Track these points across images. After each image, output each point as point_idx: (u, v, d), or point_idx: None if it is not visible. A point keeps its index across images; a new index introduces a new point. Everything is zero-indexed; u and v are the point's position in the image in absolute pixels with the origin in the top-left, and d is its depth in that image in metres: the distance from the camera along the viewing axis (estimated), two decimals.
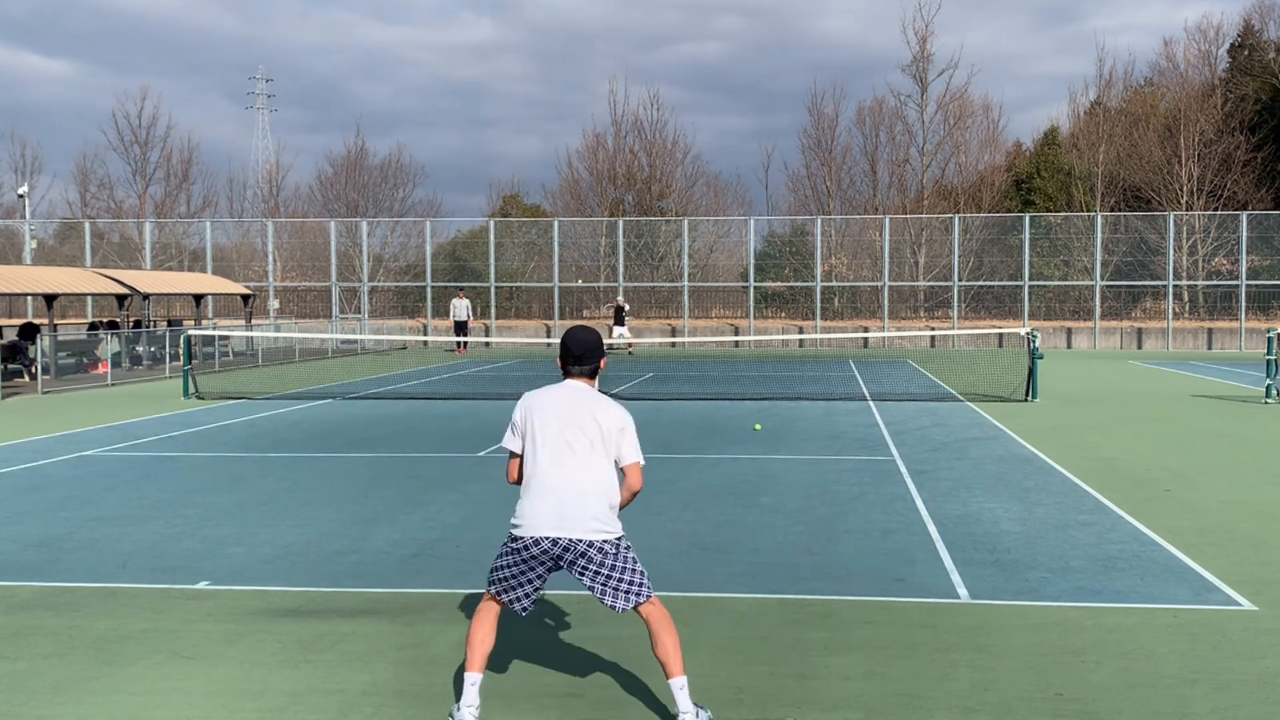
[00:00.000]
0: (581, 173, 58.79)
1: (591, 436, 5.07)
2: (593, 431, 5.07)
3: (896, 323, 44.59)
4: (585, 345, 5.27)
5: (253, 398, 21.20)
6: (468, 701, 5.01)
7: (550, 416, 5.12)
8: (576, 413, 5.11)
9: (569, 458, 5.04)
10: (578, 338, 5.28)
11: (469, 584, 7.44)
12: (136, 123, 59.13)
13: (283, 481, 11.64)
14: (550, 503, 4.99)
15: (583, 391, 5.21)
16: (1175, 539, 8.68)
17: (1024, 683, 5.55)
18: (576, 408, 5.13)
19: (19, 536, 8.99)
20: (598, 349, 5.30)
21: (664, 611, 5.08)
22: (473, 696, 5.02)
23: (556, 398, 5.19)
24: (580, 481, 5.01)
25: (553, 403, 5.16)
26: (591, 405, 5.14)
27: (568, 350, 5.27)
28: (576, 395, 5.19)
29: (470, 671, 5.04)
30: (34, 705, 5.32)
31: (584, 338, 5.29)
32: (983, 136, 58.22)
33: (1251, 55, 57.47)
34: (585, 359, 5.27)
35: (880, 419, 17.11)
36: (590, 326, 5.45)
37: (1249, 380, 24.65)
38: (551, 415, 5.12)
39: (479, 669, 5.05)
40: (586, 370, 5.28)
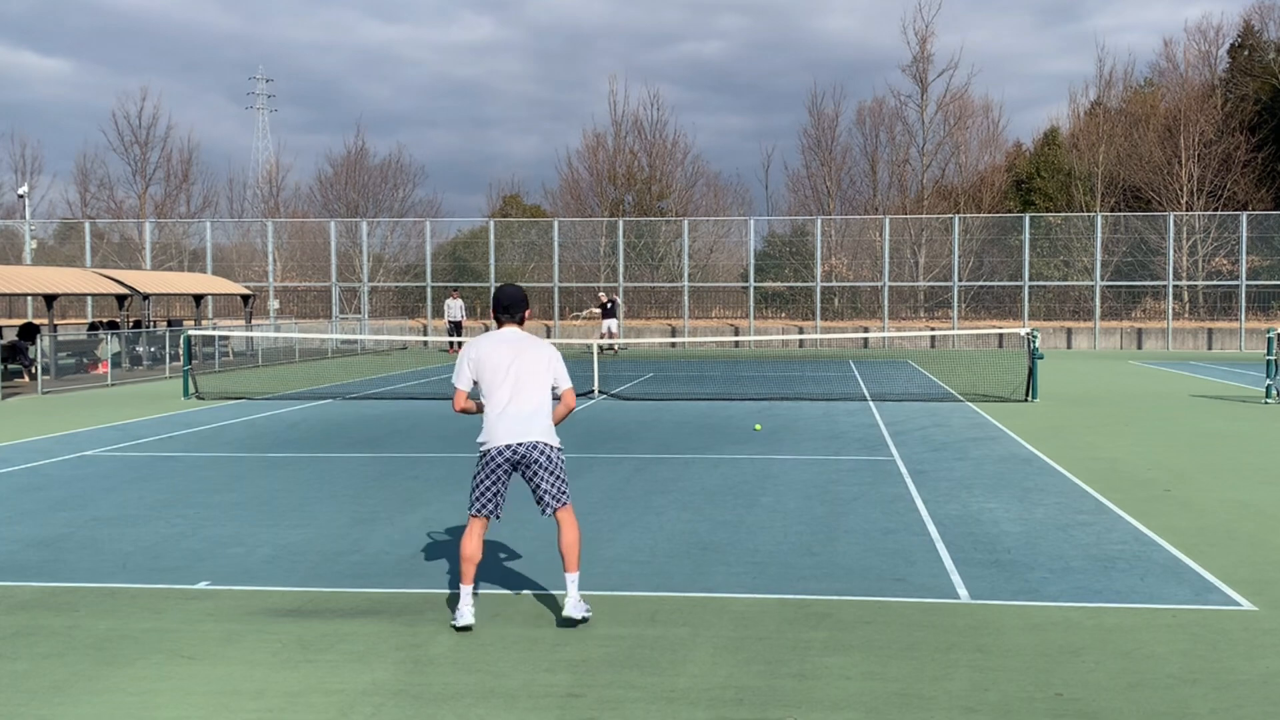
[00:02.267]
0: (581, 173, 58.84)
1: (533, 369, 6.47)
2: (533, 365, 6.48)
3: (896, 323, 44.59)
4: (512, 298, 6.62)
5: (253, 398, 21.21)
6: (464, 602, 6.40)
7: (497, 356, 6.48)
8: (519, 351, 6.49)
9: (515, 386, 6.43)
10: (508, 293, 6.64)
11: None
12: (136, 123, 59.18)
13: (283, 481, 11.64)
14: (509, 419, 6.40)
15: (519, 336, 6.58)
16: (1175, 539, 8.68)
17: (1024, 683, 5.55)
18: (519, 347, 6.52)
19: (19, 536, 8.99)
20: (523, 301, 6.65)
21: (574, 518, 6.59)
22: (469, 599, 6.41)
23: (498, 341, 6.54)
24: (531, 402, 6.43)
25: (497, 345, 6.52)
26: (530, 345, 6.54)
27: (498, 303, 6.63)
28: (515, 338, 6.56)
29: (464, 584, 6.44)
30: (34, 705, 5.32)
31: (513, 293, 6.65)
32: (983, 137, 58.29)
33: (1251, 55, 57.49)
34: (513, 309, 6.61)
35: (880, 419, 17.11)
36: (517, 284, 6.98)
37: (1249, 380, 24.66)
38: (498, 355, 6.48)
39: (471, 580, 6.46)
40: (516, 318, 6.62)
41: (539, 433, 6.44)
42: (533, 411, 6.43)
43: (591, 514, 9.76)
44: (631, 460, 12.91)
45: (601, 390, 21.61)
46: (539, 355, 6.53)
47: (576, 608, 6.44)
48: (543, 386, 6.50)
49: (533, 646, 6.14)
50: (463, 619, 6.35)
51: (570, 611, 6.42)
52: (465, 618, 6.35)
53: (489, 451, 6.47)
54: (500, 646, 6.15)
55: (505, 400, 6.42)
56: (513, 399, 6.41)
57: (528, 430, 6.41)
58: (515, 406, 6.40)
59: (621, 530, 9.12)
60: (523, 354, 6.49)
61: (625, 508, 10.03)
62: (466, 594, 6.42)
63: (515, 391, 6.42)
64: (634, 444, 14.35)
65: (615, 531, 9.06)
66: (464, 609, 6.38)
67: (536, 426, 6.43)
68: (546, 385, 6.53)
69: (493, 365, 6.47)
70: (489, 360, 6.48)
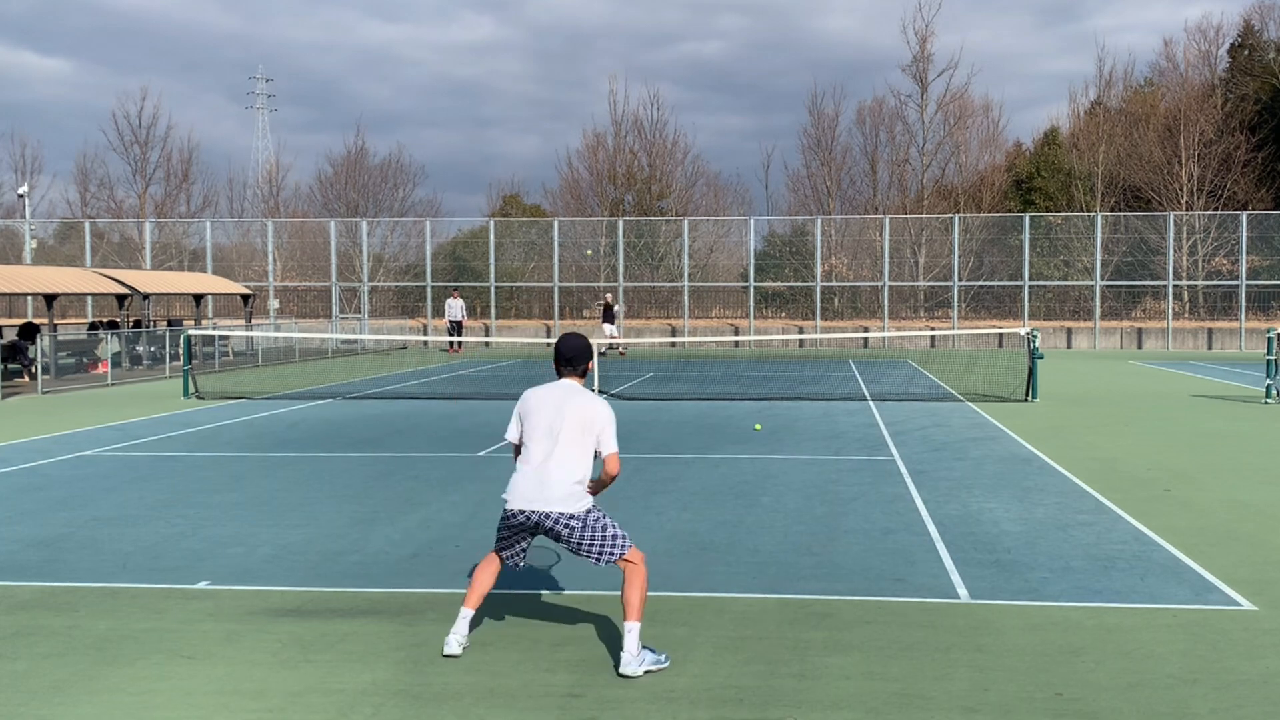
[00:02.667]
0: (581, 173, 58.85)
1: (574, 426, 5.95)
2: (575, 422, 5.96)
3: (896, 323, 44.59)
4: (575, 349, 6.20)
5: (253, 398, 21.21)
6: (458, 630, 5.99)
7: (542, 409, 6.04)
8: (564, 406, 6.01)
9: (551, 444, 5.94)
10: (570, 344, 6.21)
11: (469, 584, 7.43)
12: (136, 122, 59.17)
13: (283, 481, 11.64)
14: (531, 481, 5.92)
15: (572, 389, 6.11)
16: (1175, 539, 8.68)
17: (1024, 683, 5.56)
18: (565, 402, 6.03)
19: (19, 536, 8.99)
20: (586, 353, 6.23)
21: (638, 566, 5.93)
22: (464, 628, 6.01)
23: (549, 393, 6.11)
24: (558, 464, 5.90)
25: (546, 397, 6.09)
26: (577, 400, 6.04)
27: (560, 354, 6.21)
28: (566, 392, 6.09)
29: (465, 607, 6.03)
30: (34, 705, 5.32)
31: (575, 343, 6.22)
32: (983, 136, 58.28)
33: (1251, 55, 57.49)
34: (575, 361, 6.20)
35: (880, 419, 17.11)
36: (580, 333, 6.34)
37: (1249, 380, 24.66)
38: (543, 408, 6.04)
39: (474, 606, 6.05)
40: (577, 371, 6.20)
41: (560, 501, 5.85)
42: (560, 476, 5.86)
43: None
44: (631, 460, 12.91)
45: (601, 390, 21.60)
46: (585, 413, 5.96)
47: (632, 662, 5.68)
48: (581, 448, 5.92)
49: (533, 646, 6.14)
50: (448, 648, 5.95)
51: (626, 669, 5.68)
52: (450, 647, 5.94)
53: (507, 510, 5.99)
54: (500, 646, 6.15)
55: (536, 458, 5.92)
56: (545, 459, 5.89)
57: (548, 497, 5.86)
58: (543, 468, 5.88)
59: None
60: (567, 409, 5.96)
61: (625, 508, 10.03)
62: (462, 619, 6.01)
63: (548, 451, 5.90)
64: (634, 444, 14.35)
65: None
66: (452, 636, 5.97)
67: (559, 493, 5.85)
68: (587, 448, 5.94)
69: (537, 413, 6.02)
70: (533, 411, 6.03)
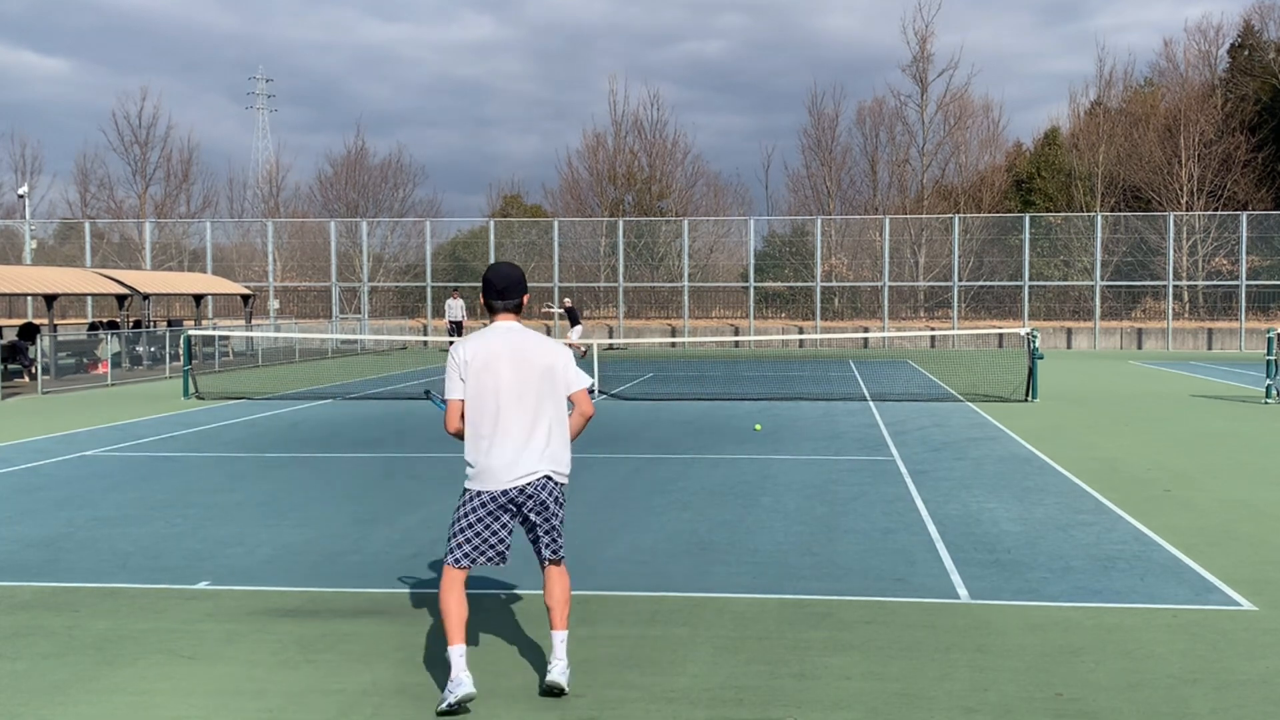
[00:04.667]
0: (581, 173, 58.87)
1: (539, 376, 5.14)
2: (538, 371, 5.14)
3: (896, 323, 44.59)
4: (509, 279, 5.25)
5: (253, 398, 21.20)
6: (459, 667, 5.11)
7: (497, 364, 5.12)
8: (524, 355, 5.15)
9: (524, 402, 5.11)
10: (502, 273, 5.27)
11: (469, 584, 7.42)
12: (136, 122, 59.19)
13: (283, 481, 11.64)
14: (514, 451, 5.10)
15: (515, 331, 5.22)
16: (1175, 539, 8.68)
17: (1024, 683, 5.55)
18: (522, 349, 5.16)
19: (19, 536, 8.99)
20: (521, 284, 5.28)
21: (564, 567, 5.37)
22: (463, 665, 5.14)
23: (497, 342, 5.17)
24: (542, 424, 5.14)
25: (495, 348, 5.15)
26: (534, 344, 5.20)
27: (490, 286, 5.23)
28: (511, 337, 5.19)
29: (454, 645, 5.15)
30: (34, 705, 5.32)
31: (508, 272, 5.28)
32: (983, 136, 58.30)
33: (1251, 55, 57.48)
34: (508, 293, 5.25)
35: (880, 419, 17.11)
36: (513, 263, 5.45)
37: (1249, 380, 24.65)
38: (497, 362, 5.12)
39: (464, 639, 5.19)
40: (511, 305, 5.26)
41: (550, 462, 5.17)
42: (544, 442, 5.15)
43: (592, 514, 9.76)
44: (631, 460, 12.90)
45: (601, 390, 21.60)
46: (541, 359, 5.16)
47: (565, 673, 5.28)
48: (554, 401, 5.16)
49: (533, 646, 6.14)
50: (461, 689, 5.02)
51: (557, 677, 5.24)
52: (464, 686, 5.03)
53: (482, 495, 5.15)
54: (500, 646, 6.15)
55: (507, 424, 5.09)
56: (518, 427, 5.10)
57: (536, 461, 5.13)
58: (531, 432, 5.12)
59: (621, 530, 9.12)
60: (525, 357, 5.14)
61: (625, 508, 10.03)
62: (457, 657, 5.11)
63: (518, 415, 5.10)
64: (634, 444, 14.35)
65: (615, 531, 9.05)
66: (459, 676, 5.06)
67: (548, 454, 5.16)
68: (558, 398, 5.18)
69: (489, 375, 5.11)
70: (485, 368, 5.11)
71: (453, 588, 5.22)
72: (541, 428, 5.16)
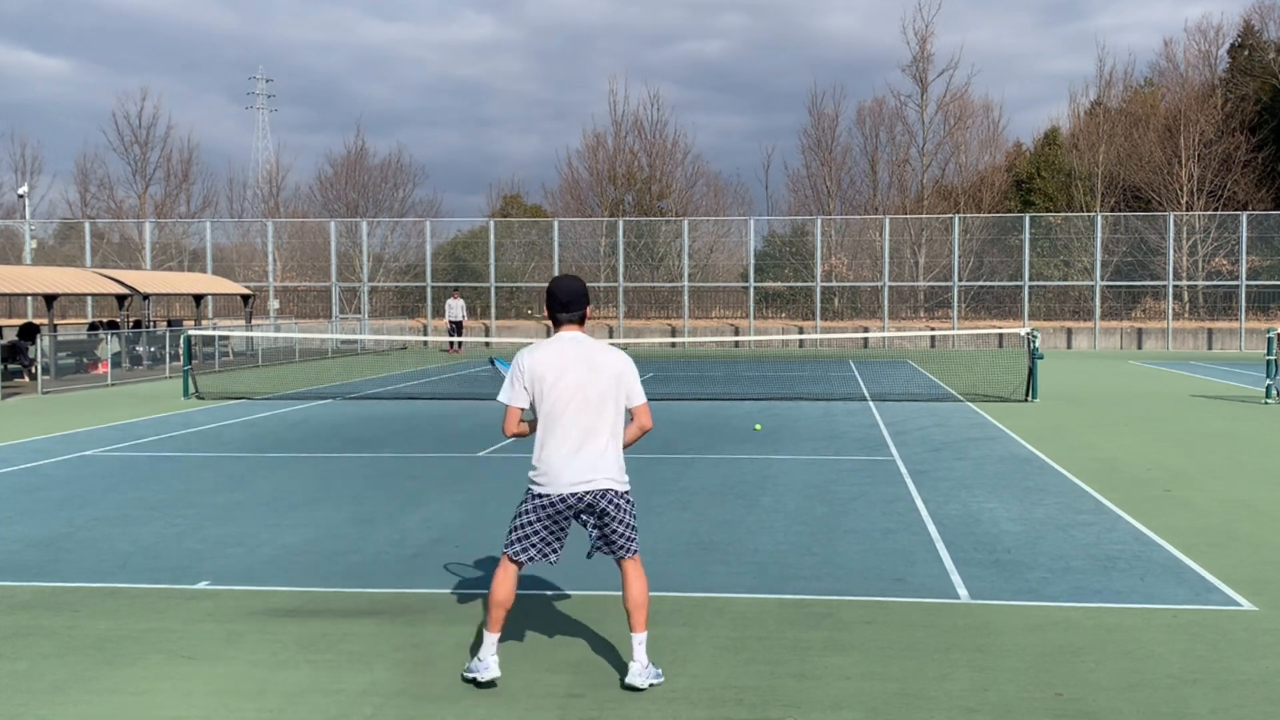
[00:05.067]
0: (581, 173, 58.85)
1: (601, 386, 5.27)
2: (601, 381, 5.27)
3: (896, 323, 44.59)
4: (573, 293, 5.41)
5: (253, 398, 21.21)
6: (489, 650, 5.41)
7: (562, 373, 5.26)
8: (588, 365, 5.28)
9: (588, 411, 5.25)
10: (566, 286, 5.42)
11: (469, 584, 7.45)
12: (136, 122, 59.16)
13: (283, 481, 11.64)
14: (575, 457, 5.24)
15: (581, 341, 5.36)
16: (1175, 539, 8.68)
17: (1024, 683, 5.55)
18: (587, 359, 5.29)
19: (19, 536, 8.99)
20: (584, 296, 5.44)
21: (640, 566, 5.47)
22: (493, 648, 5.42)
23: (563, 351, 5.32)
24: (602, 434, 5.27)
25: (561, 358, 5.30)
26: (599, 355, 5.32)
27: (555, 299, 5.40)
28: (578, 346, 5.33)
29: (490, 632, 5.43)
30: (34, 705, 5.32)
31: (572, 286, 5.43)
32: (983, 136, 58.28)
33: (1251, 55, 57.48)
34: (573, 305, 5.41)
35: (880, 419, 17.11)
36: (576, 276, 5.60)
37: (1249, 380, 24.66)
38: (562, 371, 5.26)
39: (498, 629, 5.44)
40: (575, 317, 5.42)
41: (608, 474, 5.28)
42: (604, 446, 5.27)
43: None
44: (631, 460, 12.88)
45: None
46: (610, 368, 5.30)
47: (643, 674, 5.36)
48: (616, 410, 5.31)
49: (533, 646, 6.14)
50: (487, 671, 5.38)
51: (634, 679, 5.36)
52: (490, 669, 5.38)
53: (541, 497, 5.32)
54: (500, 646, 6.14)
55: (572, 432, 5.24)
56: (581, 431, 5.25)
57: (595, 470, 5.25)
58: (583, 440, 5.25)
59: None
60: (593, 367, 5.28)
61: None
62: (490, 643, 5.43)
63: (582, 420, 5.25)
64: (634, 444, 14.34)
65: None
66: (487, 659, 5.40)
67: (606, 465, 5.28)
68: (619, 407, 5.33)
69: (554, 383, 5.25)
70: (548, 376, 5.26)
71: (505, 577, 5.46)
72: (601, 435, 5.29)
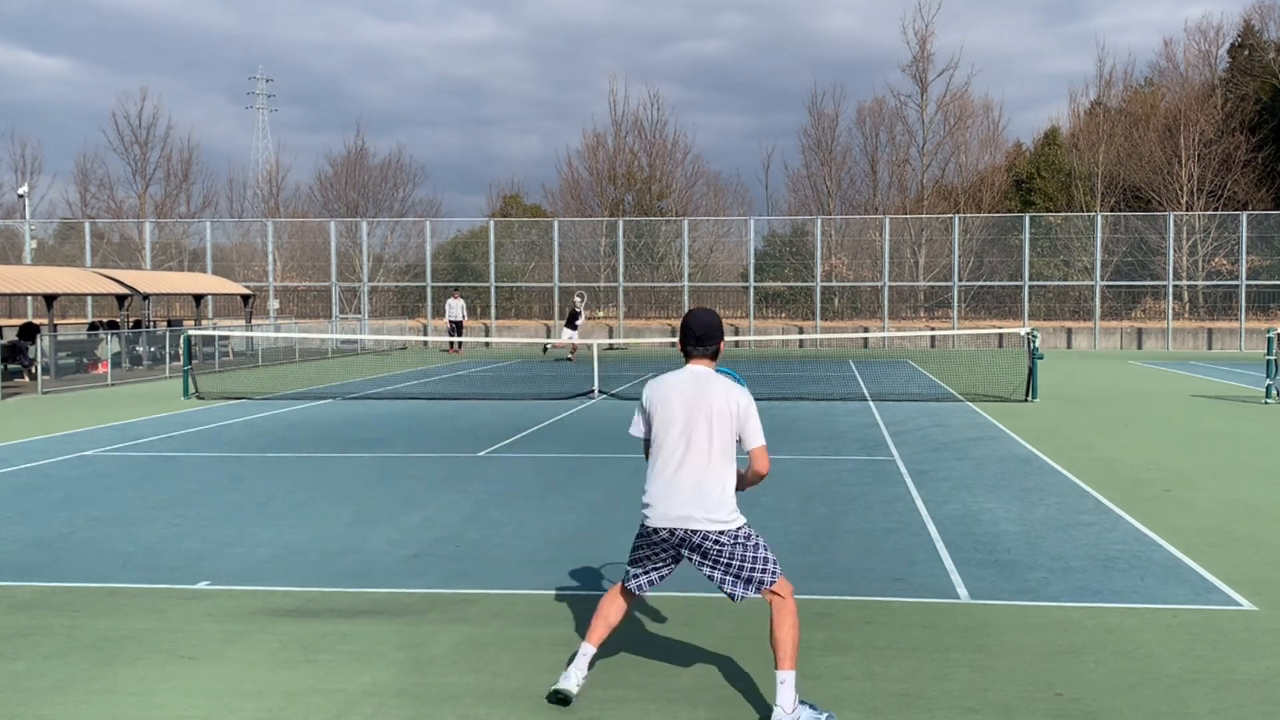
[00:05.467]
0: (581, 173, 58.86)
1: (713, 421, 5.10)
2: (713, 419, 5.10)
3: (896, 323, 44.59)
4: (706, 326, 5.27)
5: (253, 398, 21.21)
6: (578, 666, 5.30)
7: (673, 404, 5.15)
8: (700, 397, 5.13)
9: (689, 445, 5.09)
10: (699, 318, 5.30)
11: (469, 584, 7.45)
12: (136, 122, 59.18)
13: (283, 481, 11.64)
14: (670, 491, 5.08)
15: (702, 376, 5.20)
16: (1175, 539, 8.68)
17: (1024, 683, 5.55)
18: (700, 392, 5.14)
19: (19, 536, 8.99)
20: (718, 330, 5.30)
21: (787, 600, 5.11)
22: (584, 665, 5.30)
23: (680, 383, 5.20)
24: (701, 469, 5.07)
25: (676, 388, 5.19)
26: (713, 389, 5.14)
27: (688, 331, 5.27)
28: (696, 381, 5.18)
29: (587, 644, 5.34)
30: (34, 705, 5.32)
31: (706, 319, 5.30)
32: (983, 136, 58.27)
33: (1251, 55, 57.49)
34: (706, 339, 5.26)
35: (880, 419, 17.11)
36: (711, 309, 5.39)
37: (1249, 380, 24.66)
38: (674, 403, 5.15)
39: (597, 643, 5.35)
40: (708, 352, 5.28)
41: (706, 516, 5.04)
42: (700, 484, 5.06)
43: (592, 514, 9.77)
44: (632, 460, 12.89)
45: (601, 390, 21.60)
46: (724, 404, 5.10)
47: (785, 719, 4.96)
48: (724, 447, 5.11)
49: (533, 646, 6.14)
50: (562, 680, 5.26)
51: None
52: (564, 679, 5.25)
53: (644, 526, 5.20)
54: (500, 646, 6.15)
55: (673, 463, 5.10)
56: (682, 463, 5.09)
57: (692, 509, 5.04)
58: (681, 474, 5.08)
59: (622, 530, 9.11)
60: (703, 400, 5.11)
61: (625, 508, 10.03)
62: (583, 656, 5.33)
63: (686, 454, 5.08)
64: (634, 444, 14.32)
65: (615, 531, 9.05)
66: (571, 670, 5.28)
67: (705, 506, 5.04)
68: (729, 446, 5.13)
69: (666, 412, 5.15)
70: (663, 405, 5.16)
71: (612, 595, 5.43)
72: (696, 471, 5.08)
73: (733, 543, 5.06)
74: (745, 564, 5.07)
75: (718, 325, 5.32)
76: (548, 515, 9.74)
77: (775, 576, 5.10)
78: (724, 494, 5.09)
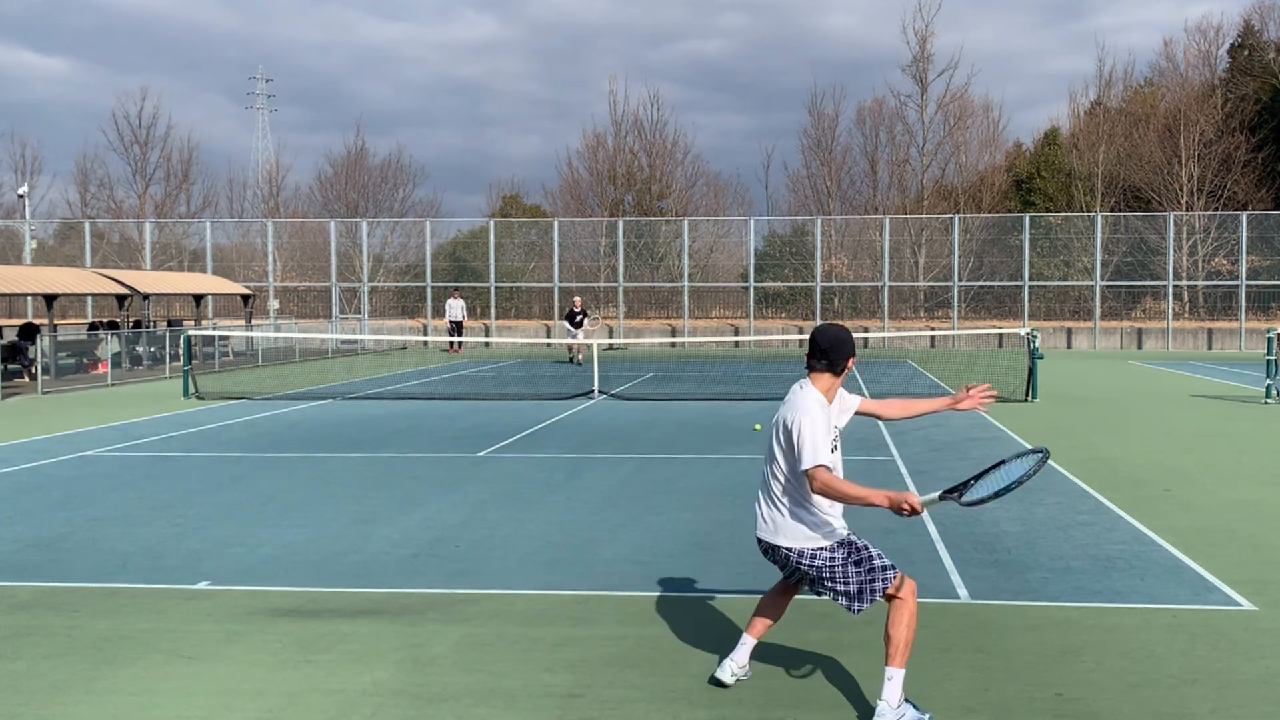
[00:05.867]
0: (581, 173, 58.83)
1: (775, 435, 5.11)
2: (778, 429, 5.09)
3: (896, 323, 44.59)
4: (831, 339, 5.12)
5: (253, 398, 21.21)
6: (736, 658, 5.46)
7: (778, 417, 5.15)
8: (781, 412, 5.13)
9: (768, 462, 5.16)
10: (826, 334, 5.16)
11: (469, 584, 7.45)
12: (136, 122, 59.15)
13: (283, 481, 11.64)
14: (757, 505, 5.25)
15: (796, 392, 5.11)
16: (1175, 539, 8.68)
17: (1024, 683, 5.55)
18: (782, 409, 5.12)
19: (19, 536, 8.99)
20: (845, 345, 5.11)
21: (906, 600, 5.02)
22: (743, 656, 5.46)
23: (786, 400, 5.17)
24: (770, 488, 5.13)
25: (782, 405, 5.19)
26: (792, 403, 5.05)
27: (814, 344, 5.14)
28: (790, 396, 5.11)
29: (746, 634, 5.51)
30: (34, 705, 5.32)
31: (832, 334, 5.15)
32: (983, 137, 58.22)
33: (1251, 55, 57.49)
34: (831, 353, 5.10)
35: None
36: (841, 324, 5.34)
37: (1249, 380, 24.65)
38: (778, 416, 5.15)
39: (755, 635, 5.50)
40: (834, 369, 5.11)
41: (783, 532, 5.06)
42: (775, 501, 5.09)
43: (592, 514, 9.77)
44: (632, 460, 12.89)
45: (601, 390, 21.60)
46: (785, 418, 5.03)
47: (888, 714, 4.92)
48: (787, 466, 5.02)
49: (533, 646, 6.14)
50: (719, 670, 5.44)
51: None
52: (722, 669, 5.42)
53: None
54: (500, 646, 6.15)
55: (762, 480, 5.24)
56: (763, 480, 5.21)
57: (767, 521, 5.13)
58: (762, 490, 5.22)
59: (621, 530, 9.12)
60: (781, 414, 5.11)
61: (625, 508, 10.03)
62: (742, 645, 5.47)
63: (765, 469, 5.19)
64: (634, 444, 14.34)
65: (615, 531, 9.06)
66: (727, 661, 5.44)
67: (779, 522, 5.07)
68: (789, 464, 5.02)
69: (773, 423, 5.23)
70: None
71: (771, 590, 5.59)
72: (772, 489, 5.11)
73: (811, 562, 5.08)
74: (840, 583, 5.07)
75: (846, 339, 5.13)
76: (548, 515, 9.74)
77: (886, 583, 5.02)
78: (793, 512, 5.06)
